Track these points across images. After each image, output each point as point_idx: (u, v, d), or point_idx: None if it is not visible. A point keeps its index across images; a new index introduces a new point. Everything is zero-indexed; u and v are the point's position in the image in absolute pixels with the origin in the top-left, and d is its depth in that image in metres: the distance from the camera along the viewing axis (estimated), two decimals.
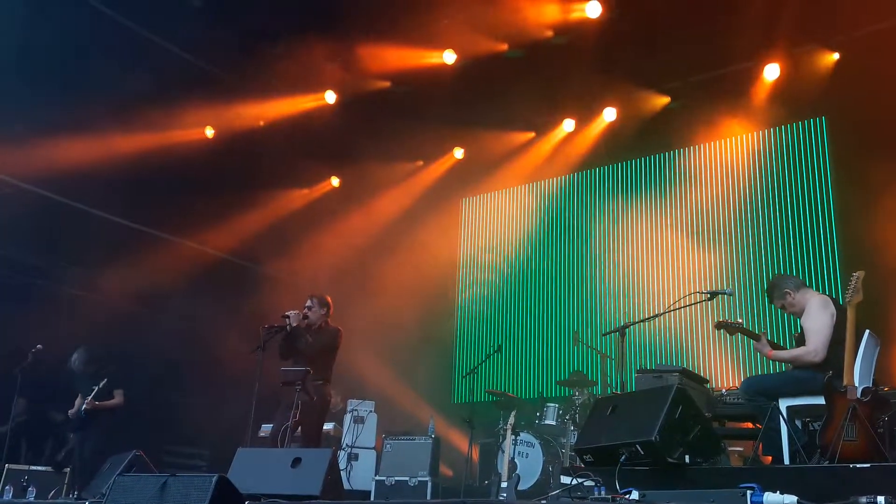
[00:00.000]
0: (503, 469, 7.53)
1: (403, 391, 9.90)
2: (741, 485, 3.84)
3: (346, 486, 8.10)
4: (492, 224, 11.40)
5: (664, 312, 7.28)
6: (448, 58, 9.05)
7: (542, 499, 4.96)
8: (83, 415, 7.87)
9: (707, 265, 9.21)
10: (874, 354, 5.20)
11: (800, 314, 5.60)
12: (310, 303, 7.12)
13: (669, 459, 4.49)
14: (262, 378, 6.81)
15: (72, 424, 8.08)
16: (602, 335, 8.23)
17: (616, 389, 7.61)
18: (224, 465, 5.45)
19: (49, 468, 8.04)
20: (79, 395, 8.05)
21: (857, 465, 4.24)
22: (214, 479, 4.30)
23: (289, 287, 10.61)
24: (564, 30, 8.49)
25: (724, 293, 6.47)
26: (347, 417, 9.20)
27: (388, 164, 11.01)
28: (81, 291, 9.40)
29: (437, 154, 11.02)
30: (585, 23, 8.34)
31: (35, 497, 7.28)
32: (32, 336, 8.00)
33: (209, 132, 10.12)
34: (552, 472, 7.84)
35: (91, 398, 7.85)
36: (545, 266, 10.57)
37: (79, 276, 9.38)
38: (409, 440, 8.48)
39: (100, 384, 7.89)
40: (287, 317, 6.99)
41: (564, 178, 10.70)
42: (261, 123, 10.22)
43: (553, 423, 8.38)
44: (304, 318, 6.96)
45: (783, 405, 5.32)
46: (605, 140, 9.94)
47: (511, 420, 7.75)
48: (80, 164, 8.49)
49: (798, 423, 5.43)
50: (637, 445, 4.51)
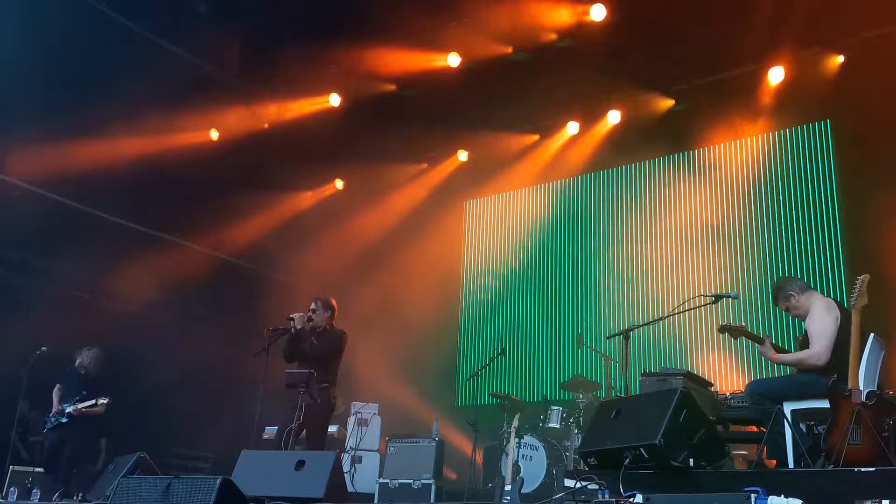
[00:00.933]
0: (507, 472, 7.52)
1: (407, 394, 9.89)
2: (745, 488, 3.84)
3: (350, 489, 8.11)
4: (496, 227, 11.40)
5: (668, 315, 7.28)
6: (453, 61, 9.06)
7: (546, 502, 4.96)
8: (65, 418, 7.83)
9: (711, 268, 9.20)
10: (879, 358, 5.19)
11: (803, 317, 5.59)
12: (314, 305, 7.12)
13: (674, 463, 4.49)
14: (267, 380, 6.83)
15: (49, 422, 7.91)
16: (606, 338, 8.21)
17: (620, 393, 7.60)
18: (228, 468, 5.45)
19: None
20: (57, 390, 7.96)
21: (862, 469, 4.23)
22: (218, 482, 4.31)
23: (293, 289, 10.63)
24: (569, 33, 8.50)
25: (729, 296, 6.44)
26: (351, 420, 9.21)
27: (393, 167, 11.02)
28: (87, 294, 9.41)
29: (442, 157, 11.02)
30: (590, 26, 8.35)
31: (39, 499, 7.29)
32: (38, 338, 8.01)
33: (214, 135, 10.14)
34: (556, 476, 7.83)
35: (81, 405, 7.82)
36: (549, 269, 10.56)
37: (85, 279, 9.40)
38: (413, 443, 8.48)
39: (93, 394, 7.85)
40: (292, 319, 6.99)
41: (568, 181, 10.69)
42: (266, 126, 10.25)
43: (557, 427, 8.37)
44: (309, 321, 6.97)
45: (788, 409, 5.31)
46: (610, 143, 9.93)
47: (515, 423, 7.74)
48: (87, 167, 8.52)
49: (803, 427, 5.40)
50: (641, 449, 4.51)
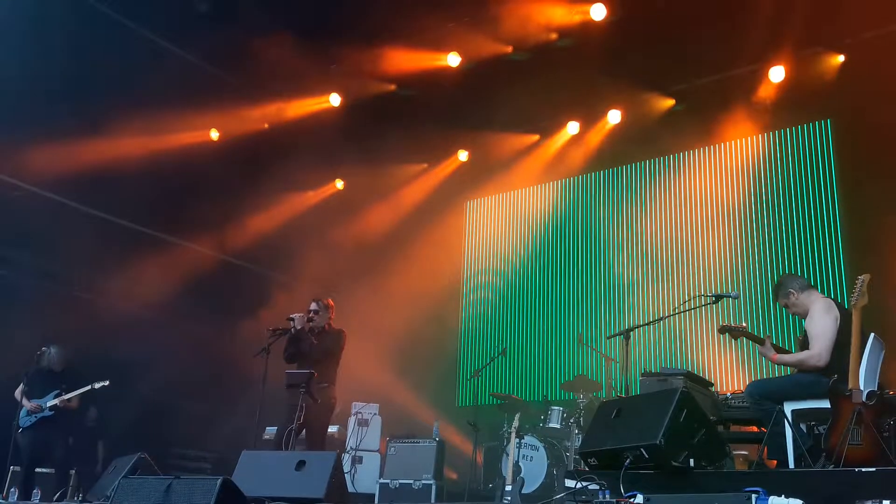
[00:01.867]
0: (507, 472, 7.52)
1: (408, 394, 9.90)
2: (746, 488, 3.84)
3: (351, 489, 8.11)
4: (496, 227, 11.39)
5: (669, 315, 7.27)
6: (452, 60, 9.06)
7: (547, 502, 4.96)
8: (49, 412, 7.72)
9: (712, 268, 9.20)
10: (879, 358, 5.19)
11: (802, 315, 5.60)
12: (315, 305, 7.13)
13: (674, 463, 4.49)
14: (267, 381, 6.83)
15: (27, 421, 7.73)
16: (607, 338, 8.22)
17: (620, 393, 7.60)
18: (229, 468, 5.45)
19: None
20: (21, 390, 7.79)
21: (863, 469, 4.23)
22: (219, 482, 4.32)
23: (294, 289, 10.63)
24: (569, 32, 8.50)
25: (730, 296, 6.44)
26: (351, 420, 9.21)
27: (393, 167, 11.02)
28: (88, 294, 9.42)
29: (442, 156, 11.02)
30: (590, 25, 8.35)
31: (40, 499, 7.30)
32: (39, 338, 8.01)
33: (214, 135, 10.15)
34: (556, 476, 7.83)
35: (66, 397, 7.73)
36: (550, 269, 10.56)
37: (85, 279, 9.40)
38: (414, 443, 8.48)
39: (74, 386, 7.77)
40: (291, 319, 7.00)
41: (569, 181, 10.69)
42: (266, 126, 10.26)
43: (557, 427, 8.37)
44: (309, 321, 6.97)
45: (788, 409, 5.31)
46: (610, 143, 9.93)
47: (515, 423, 7.74)
48: (87, 168, 8.52)
49: (803, 427, 5.41)
50: (642, 449, 4.51)
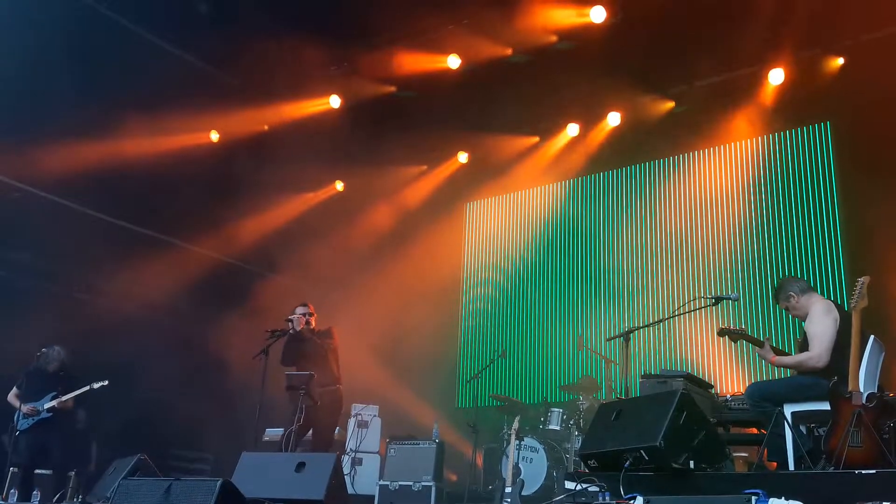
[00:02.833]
0: (507, 474, 7.52)
1: (407, 395, 9.89)
2: (746, 490, 3.84)
3: (350, 491, 8.10)
4: (496, 229, 11.39)
5: (669, 317, 7.28)
6: (452, 62, 9.06)
7: None
8: (47, 413, 7.68)
9: (711, 270, 9.20)
10: (879, 360, 5.19)
11: (803, 318, 5.60)
12: (310, 310, 7.28)
13: (674, 465, 4.49)
14: (267, 382, 6.83)
15: (24, 423, 7.65)
16: (606, 340, 8.22)
17: (620, 394, 7.60)
18: (228, 470, 5.45)
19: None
20: (15, 393, 7.78)
21: (863, 471, 4.23)
22: (218, 484, 4.33)
23: (293, 291, 10.61)
24: (569, 35, 8.50)
25: (729, 298, 6.44)
26: (351, 422, 9.21)
27: (393, 169, 11.02)
28: (87, 295, 9.42)
29: (442, 158, 11.02)
30: (590, 28, 8.35)
31: (40, 501, 7.29)
32: (38, 339, 8.00)
33: (214, 136, 10.15)
34: (556, 478, 7.83)
35: (65, 398, 7.70)
36: (549, 271, 10.56)
37: (84, 280, 9.40)
38: (413, 444, 8.47)
39: (71, 388, 7.74)
40: (290, 321, 7.01)
41: (568, 183, 10.69)
42: (265, 128, 10.26)
43: (557, 428, 8.37)
44: (307, 323, 7.00)
45: (788, 411, 5.31)
46: (610, 145, 9.93)
47: (515, 425, 7.74)
48: (86, 169, 8.51)
49: (803, 429, 5.41)
50: (642, 451, 4.51)
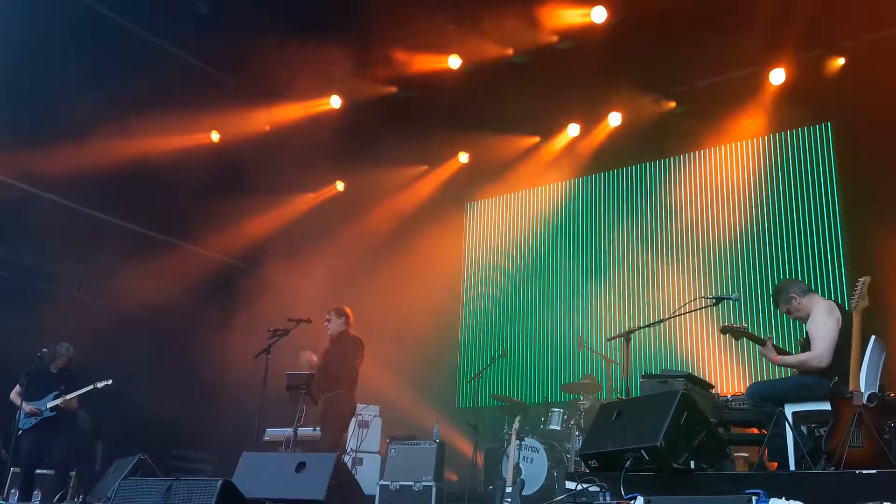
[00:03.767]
0: (508, 474, 7.52)
1: (408, 396, 9.88)
2: (746, 490, 3.83)
3: None
4: (497, 228, 11.39)
5: (669, 317, 7.28)
6: (453, 63, 9.07)
7: None
8: (51, 412, 7.69)
9: (712, 270, 9.20)
10: (880, 360, 5.19)
11: (804, 319, 5.59)
12: (328, 315, 7.45)
13: (675, 465, 4.48)
14: (268, 382, 6.82)
15: (27, 423, 7.67)
16: (607, 340, 8.21)
17: (621, 395, 7.59)
18: (229, 470, 5.45)
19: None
20: (17, 392, 7.78)
21: (864, 472, 4.23)
22: (219, 484, 4.32)
23: (294, 291, 10.63)
24: (570, 35, 8.51)
25: (730, 298, 6.44)
26: (352, 422, 9.19)
27: (394, 169, 11.02)
28: (89, 296, 9.42)
29: (442, 158, 11.02)
30: (591, 28, 8.36)
31: (41, 500, 7.29)
32: (40, 340, 8.00)
33: (215, 137, 10.15)
34: (557, 478, 7.83)
35: (69, 397, 7.72)
36: (550, 270, 10.55)
37: (84, 280, 9.40)
38: (414, 444, 8.46)
39: (73, 388, 7.76)
40: (291, 321, 7.07)
41: (569, 183, 10.68)
42: (267, 128, 10.27)
43: (558, 428, 8.36)
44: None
45: (789, 411, 5.31)
46: (611, 145, 9.93)
47: (516, 425, 7.74)
48: (88, 169, 8.52)
49: (804, 429, 5.40)
50: (642, 451, 4.50)
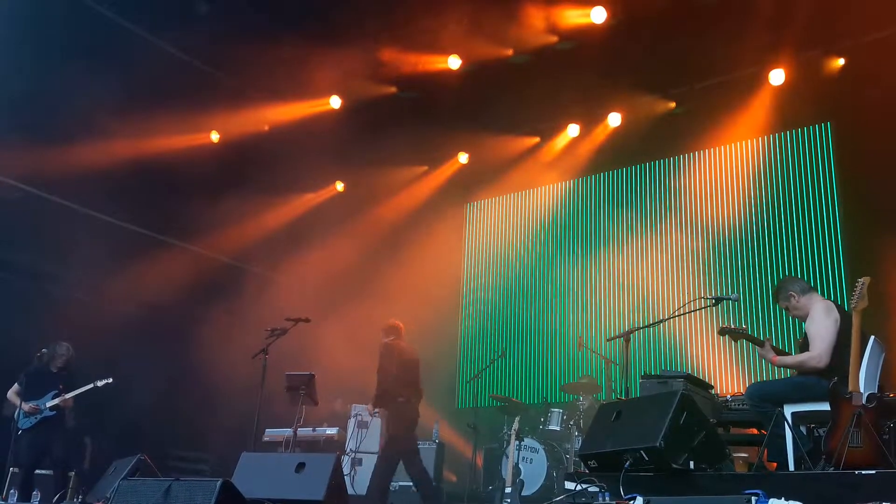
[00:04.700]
0: (507, 474, 7.52)
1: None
2: (746, 491, 3.83)
3: (350, 491, 8.10)
4: (496, 229, 11.39)
5: (669, 318, 7.27)
6: (453, 63, 9.07)
7: None
8: (51, 412, 7.64)
9: (712, 271, 9.20)
10: (879, 360, 5.19)
11: (803, 318, 5.59)
12: (383, 335, 7.62)
13: (674, 465, 4.49)
14: (267, 382, 6.82)
15: (26, 422, 7.59)
16: (606, 340, 8.19)
17: (620, 395, 7.59)
18: (229, 470, 5.45)
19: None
20: (15, 391, 7.75)
21: (863, 472, 4.23)
22: (218, 484, 4.32)
23: (294, 291, 10.63)
24: (569, 35, 8.52)
25: (729, 298, 6.44)
26: (351, 422, 9.20)
27: (393, 169, 11.03)
28: (86, 296, 9.41)
29: (442, 159, 11.03)
30: (590, 28, 8.36)
31: (40, 501, 7.28)
32: (37, 340, 7.99)
33: (215, 137, 10.16)
34: (556, 478, 7.83)
35: (68, 396, 7.67)
36: (549, 271, 10.55)
37: (84, 281, 9.40)
38: None
39: (72, 387, 7.72)
40: (290, 320, 7.10)
41: (569, 184, 10.68)
42: (266, 128, 10.27)
43: (557, 429, 8.37)
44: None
45: (788, 411, 5.31)
46: (610, 145, 9.93)
47: (515, 425, 7.74)
48: (86, 169, 8.52)
49: (803, 429, 5.41)
50: (642, 451, 4.50)
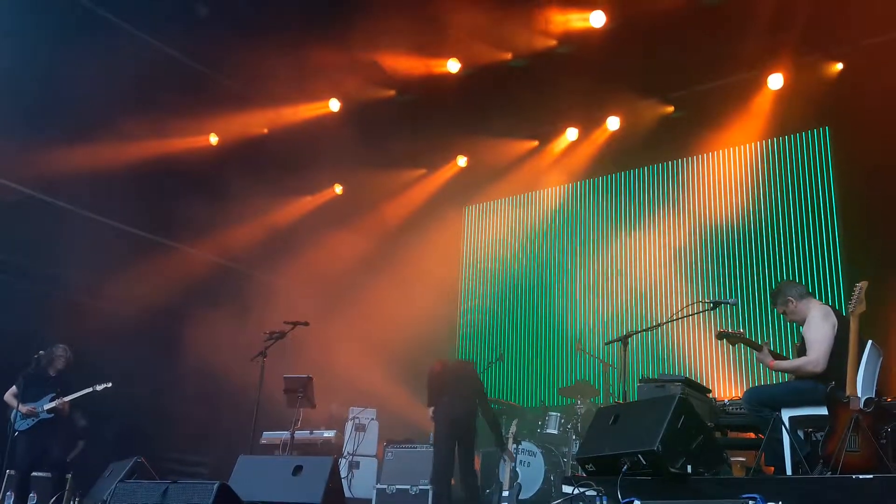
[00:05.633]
0: (505, 478, 7.53)
1: (405, 399, 9.88)
2: (743, 495, 3.83)
3: (348, 494, 8.09)
4: (495, 232, 11.39)
5: (667, 322, 7.27)
6: (452, 66, 9.08)
7: None
8: (48, 414, 7.65)
9: (710, 275, 9.21)
10: (877, 365, 5.19)
11: (800, 322, 5.60)
12: None
13: (672, 469, 4.48)
14: (264, 385, 6.81)
15: (23, 424, 7.60)
16: (604, 344, 8.20)
17: (618, 399, 7.59)
18: (226, 473, 5.45)
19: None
20: (13, 393, 7.74)
21: (860, 477, 4.23)
22: (215, 487, 4.32)
23: (292, 294, 10.62)
24: (568, 39, 8.53)
25: (728, 303, 6.46)
26: (349, 425, 9.19)
27: (392, 172, 11.02)
28: (85, 298, 9.40)
29: (441, 162, 11.03)
30: (589, 32, 8.37)
31: (36, 503, 7.27)
32: (35, 342, 7.99)
33: (213, 139, 10.15)
34: (554, 482, 7.83)
35: (67, 399, 7.69)
36: (548, 274, 10.56)
37: (82, 283, 9.39)
38: (411, 448, 8.47)
39: (69, 390, 7.74)
40: (288, 323, 7.09)
41: (567, 187, 10.70)
42: (265, 131, 10.27)
43: (555, 432, 8.36)
44: None
45: (786, 415, 5.31)
46: (609, 149, 9.94)
47: (513, 429, 7.76)
48: (85, 171, 8.52)
49: (800, 434, 5.41)
50: (639, 455, 4.50)
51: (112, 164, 8.66)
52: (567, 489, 5.04)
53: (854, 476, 4.27)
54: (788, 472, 5.16)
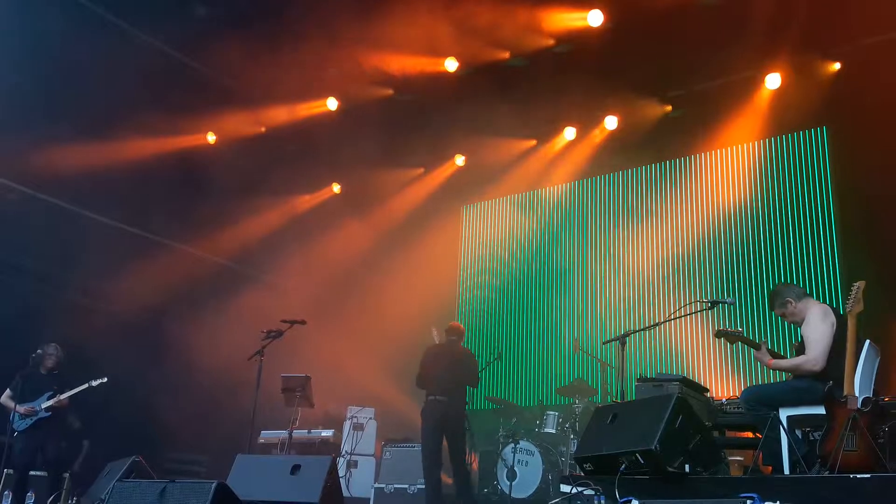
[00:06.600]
0: (502, 478, 7.53)
1: (403, 398, 9.88)
2: (741, 494, 3.84)
3: (346, 494, 8.09)
4: (493, 231, 11.40)
5: (665, 321, 7.27)
6: (450, 65, 9.07)
7: None
8: (46, 413, 7.66)
9: (708, 274, 9.22)
10: (874, 364, 5.20)
11: (800, 323, 5.60)
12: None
13: (669, 469, 4.49)
14: (262, 384, 6.81)
15: (21, 424, 7.62)
16: (602, 343, 8.20)
17: (616, 398, 7.60)
18: (223, 472, 5.44)
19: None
20: (9, 393, 7.74)
21: (858, 476, 4.23)
22: (213, 486, 4.32)
23: (290, 292, 10.62)
24: (566, 38, 8.52)
25: (725, 302, 6.46)
26: (347, 424, 9.20)
27: (390, 171, 11.02)
28: (83, 297, 9.40)
29: (439, 161, 11.02)
30: (587, 31, 8.36)
31: (34, 503, 7.27)
32: (35, 342, 7.98)
33: (211, 138, 10.15)
34: (551, 481, 7.83)
35: (64, 396, 7.70)
36: (546, 274, 10.56)
37: (81, 283, 9.38)
38: (409, 447, 8.47)
39: (66, 387, 7.76)
40: (286, 322, 7.07)
41: (566, 186, 10.70)
42: (263, 130, 10.26)
43: (553, 432, 8.37)
44: None
45: (783, 415, 5.31)
46: (607, 148, 9.95)
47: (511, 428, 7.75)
48: (83, 171, 8.52)
49: (798, 433, 5.42)
50: (637, 454, 4.51)
51: (110, 163, 8.65)
52: (565, 488, 5.04)
53: (852, 475, 4.27)
54: (786, 472, 5.16)
